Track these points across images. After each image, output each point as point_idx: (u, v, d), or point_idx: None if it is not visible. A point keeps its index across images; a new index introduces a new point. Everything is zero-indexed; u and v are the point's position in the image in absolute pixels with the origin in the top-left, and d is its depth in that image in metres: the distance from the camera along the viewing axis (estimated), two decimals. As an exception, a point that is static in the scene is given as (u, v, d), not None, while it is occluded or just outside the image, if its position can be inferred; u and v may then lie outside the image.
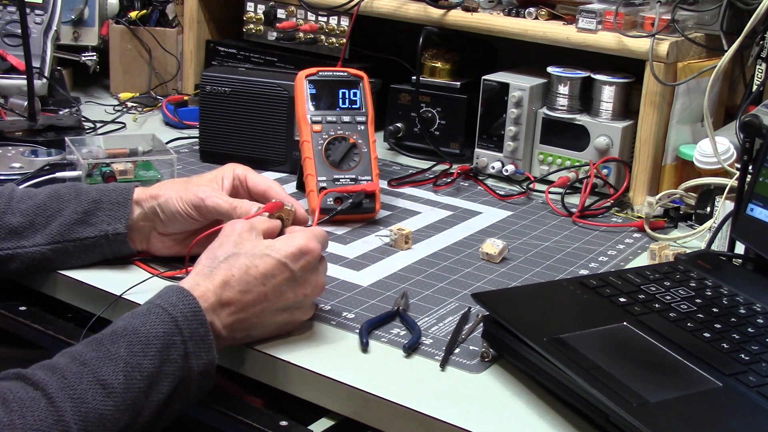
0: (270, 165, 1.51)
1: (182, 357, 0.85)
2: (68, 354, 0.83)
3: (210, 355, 0.87)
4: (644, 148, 1.43)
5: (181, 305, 0.87)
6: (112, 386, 0.80)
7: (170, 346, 0.85)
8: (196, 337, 0.86)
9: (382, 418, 0.88)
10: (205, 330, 0.87)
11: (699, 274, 1.06)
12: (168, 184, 1.10)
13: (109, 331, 0.85)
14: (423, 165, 1.57)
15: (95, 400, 0.79)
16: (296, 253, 0.95)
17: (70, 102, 1.70)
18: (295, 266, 0.95)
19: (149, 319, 0.86)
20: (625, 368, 0.85)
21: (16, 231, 1.05)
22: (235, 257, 0.93)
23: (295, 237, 0.97)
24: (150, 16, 1.92)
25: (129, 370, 0.82)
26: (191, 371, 0.86)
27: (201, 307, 0.88)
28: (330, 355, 0.95)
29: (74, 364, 0.81)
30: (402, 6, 1.61)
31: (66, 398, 0.78)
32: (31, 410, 0.76)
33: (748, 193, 1.10)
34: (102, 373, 0.81)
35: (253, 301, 0.92)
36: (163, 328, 0.85)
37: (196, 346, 0.86)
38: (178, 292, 0.89)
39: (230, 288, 0.91)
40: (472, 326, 1.01)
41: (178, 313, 0.86)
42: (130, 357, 0.82)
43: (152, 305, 0.87)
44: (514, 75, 1.54)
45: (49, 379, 0.79)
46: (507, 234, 1.31)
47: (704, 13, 1.45)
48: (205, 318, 0.88)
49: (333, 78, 1.36)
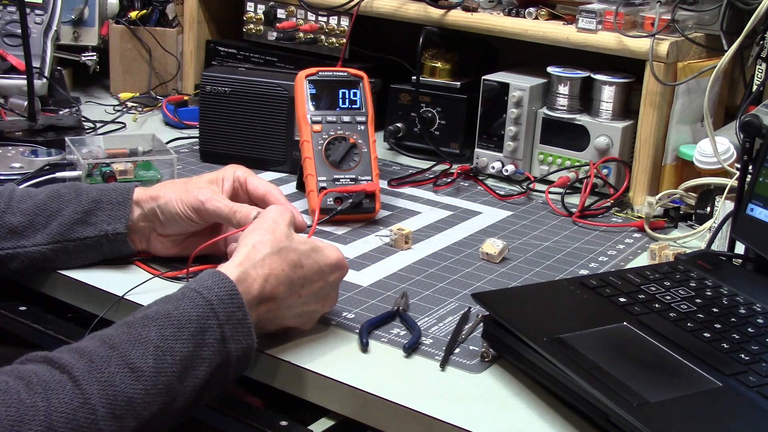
0: (270, 165, 1.51)
1: (219, 341, 0.84)
2: (98, 337, 0.81)
3: (249, 339, 0.86)
4: (644, 148, 1.43)
5: (216, 288, 0.86)
6: (141, 369, 0.79)
7: (205, 330, 0.83)
8: (234, 321, 0.85)
9: (382, 418, 0.88)
10: (243, 314, 0.86)
11: (699, 274, 1.06)
12: (168, 186, 1.10)
13: (141, 315, 0.84)
14: (423, 165, 1.57)
15: (123, 384, 0.78)
16: (334, 265, 0.96)
17: (70, 102, 1.70)
18: (330, 277, 0.96)
19: (183, 303, 0.84)
20: (625, 368, 0.85)
21: (16, 231, 1.05)
22: (287, 252, 0.92)
23: (333, 249, 0.97)
24: (150, 16, 1.92)
25: (159, 354, 0.80)
26: (229, 356, 0.85)
27: (238, 290, 0.86)
28: (330, 355, 0.95)
29: (103, 348, 0.79)
30: (402, 6, 1.61)
31: (93, 381, 0.77)
32: (56, 393, 0.75)
33: (748, 193, 1.10)
34: (131, 356, 0.79)
35: (290, 301, 0.92)
36: (196, 312, 0.84)
37: (234, 330, 0.85)
38: (213, 276, 0.87)
39: (275, 280, 0.90)
40: (472, 326, 1.01)
41: (213, 296, 0.85)
42: (161, 341, 0.81)
43: (187, 289, 0.86)
44: (514, 75, 1.54)
45: (76, 362, 0.77)
46: (507, 234, 1.31)
47: (704, 13, 1.45)
48: (242, 301, 0.86)
49: (333, 78, 1.36)
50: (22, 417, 0.72)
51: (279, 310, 0.92)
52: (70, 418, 0.74)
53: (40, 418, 0.73)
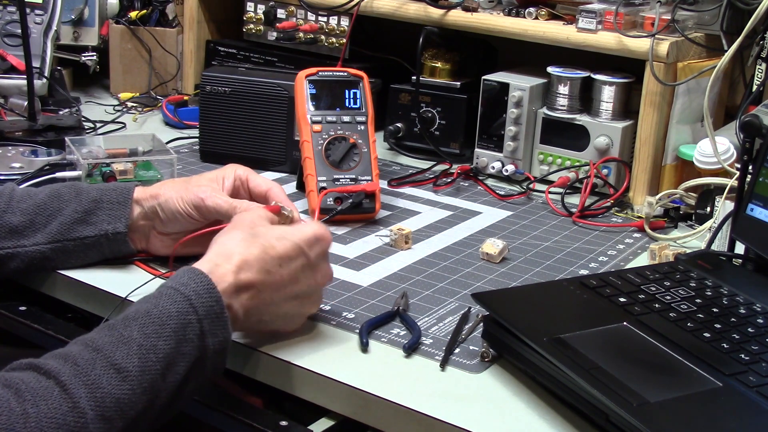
0: (270, 165, 1.51)
1: (198, 336, 0.84)
2: (80, 341, 0.82)
3: (225, 332, 0.86)
4: (644, 148, 1.43)
5: (193, 284, 0.86)
6: (127, 370, 0.79)
7: (186, 325, 0.84)
8: (212, 315, 0.85)
9: (382, 418, 0.88)
10: (219, 307, 0.86)
11: (699, 274, 1.06)
12: (168, 184, 1.10)
13: (121, 317, 0.84)
14: (423, 165, 1.57)
15: (110, 385, 0.78)
16: (312, 239, 0.95)
17: (70, 102, 1.70)
18: (311, 252, 0.95)
19: (161, 301, 0.84)
20: (625, 368, 0.85)
21: (16, 230, 1.05)
22: (253, 237, 0.92)
23: (308, 225, 0.98)
24: (150, 16, 1.92)
25: (143, 353, 0.81)
26: (206, 350, 0.85)
27: (214, 284, 0.87)
28: (330, 355, 0.95)
29: (87, 351, 0.80)
30: (402, 6, 1.61)
31: (80, 385, 0.77)
32: (44, 399, 0.75)
33: (748, 193, 1.10)
34: (116, 357, 0.80)
35: (271, 284, 0.92)
36: (176, 308, 0.84)
37: (212, 324, 0.85)
38: (189, 272, 0.88)
39: (249, 268, 0.90)
40: (472, 326, 1.01)
41: (190, 291, 0.85)
42: (144, 339, 0.81)
43: (163, 287, 0.86)
44: (514, 75, 1.54)
45: (61, 367, 0.78)
46: (507, 234, 1.31)
47: (704, 13, 1.45)
48: (219, 295, 0.86)
49: (333, 78, 1.36)
50: (13, 425, 0.73)
51: (264, 295, 0.92)
52: (60, 423, 0.75)
53: (31, 425, 0.73)
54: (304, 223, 1.00)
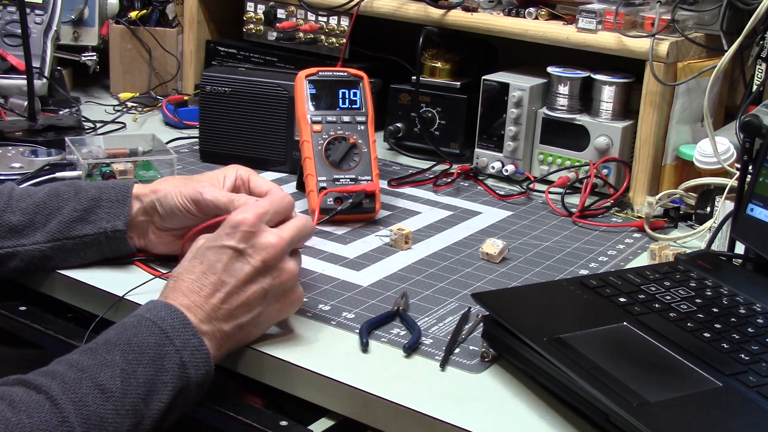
0: (270, 165, 1.51)
1: (179, 366, 0.86)
2: (64, 361, 0.83)
3: (208, 365, 0.88)
4: (644, 148, 1.43)
5: (169, 319, 0.88)
6: (111, 390, 0.81)
7: (163, 356, 0.85)
8: (190, 348, 0.87)
9: (382, 418, 0.88)
10: (198, 341, 0.88)
11: (699, 274, 1.06)
12: (168, 180, 1.10)
13: (102, 340, 0.86)
14: (423, 165, 1.57)
15: (95, 404, 0.80)
16: (228, 232, 0.94)
17: (70, 102, 1.70)
18: (232, 242, 0.93)
19: (140, 331, 0.86)
20: (625, 368, 0.85)
21: (15, 229, 1.05)
22: (192, 263, 0.93)
23: (228, 218, 0.96)
24: (150, 16, 1.92)
25: (125, 377, 0.83)
26: (189, 381, 0.86)
27: (188, 318, 0.88)
28: (330, 355, 0.95)
29: (72, 371, 0.81)
30: (402, 6, 1.61)
31: (68, 401, 0.78)
32: (37, 411, 0.77)
33: (748, 193, 1.10)
34: (100, 378, 0.81)
35: (222, 294, 0.91)
36: (153, 339, 0.86)
37: (192, 356, 0.87)
38: (166, 308, 0.89)
39: (195, 294, 0.91)
40: (472, 326, 1.01)
41: (167, 325, 0.87)
42: (126, 364, 0.83)
43: (142, 318, 0.88)
44: (514, 75, 1.54)
45: (50, 383, 0.79)
46: (507, 234, 1.30)
47: (704, 13, 1.45)
48: (195, 329, 0.88)
49: (333, 78, 1.36)
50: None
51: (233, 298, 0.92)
52: None
53: None
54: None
